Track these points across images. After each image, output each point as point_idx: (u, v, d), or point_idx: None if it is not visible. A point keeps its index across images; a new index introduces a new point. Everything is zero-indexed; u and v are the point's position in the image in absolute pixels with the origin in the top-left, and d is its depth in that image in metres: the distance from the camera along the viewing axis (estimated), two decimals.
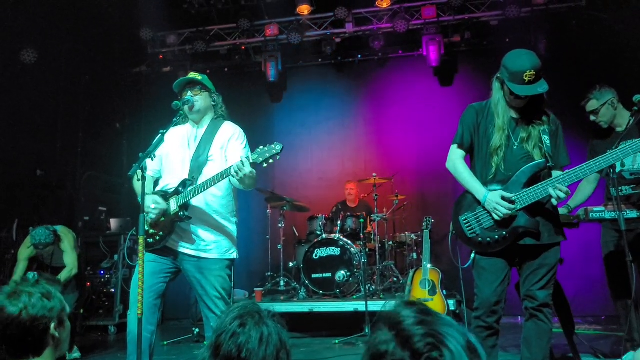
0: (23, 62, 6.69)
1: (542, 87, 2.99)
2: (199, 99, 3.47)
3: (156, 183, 3.59)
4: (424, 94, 8.47)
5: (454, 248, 4.00)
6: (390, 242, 7.18)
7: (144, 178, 2.92)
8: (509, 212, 2.98)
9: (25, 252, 5.59)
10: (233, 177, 3.10)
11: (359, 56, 8.88)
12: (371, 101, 8.77)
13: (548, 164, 3.08)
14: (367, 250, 6.60)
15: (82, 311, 6.51)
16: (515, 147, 3.12)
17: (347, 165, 8.66)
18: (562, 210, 4.22)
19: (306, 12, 8.30)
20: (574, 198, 4.38)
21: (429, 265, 5.62)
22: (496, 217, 3.03)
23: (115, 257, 7.05)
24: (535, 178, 3.03)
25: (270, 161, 3.04)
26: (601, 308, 6.64)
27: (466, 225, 3.17)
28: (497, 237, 3.06)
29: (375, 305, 5.78)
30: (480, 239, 3.11)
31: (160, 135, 3.09)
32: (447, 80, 8.46)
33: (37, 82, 7.16)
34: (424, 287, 5.52)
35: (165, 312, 7.75)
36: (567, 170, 3.02)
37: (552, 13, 7.61)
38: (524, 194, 3.00)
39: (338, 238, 6.58)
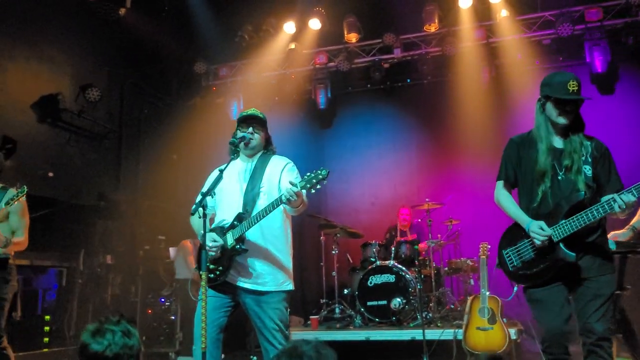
0: (87, 99, 7.05)
1: (586, 96, 2.99)
2: (257, 137, 3.57)
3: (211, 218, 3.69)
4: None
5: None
6: (446, 268, 7.07)
7: (205, 216, 3.03)
8: (545, 238, 2.91)
9: None
10: (285, 204, 3.19)
11: (408, 80, 8.89)
12: (422, 125, 8.74)
13: (586, 196, 2.96)
14: (422, 276, 6.52)
15: (144, 338, 6.71)
16: (560, 178, 3.05)
17: (399, 189, 8.62)
18: (626, 233, 4.07)
19: (354, 40, 8.42)
20: (639, 218, 4.19)
21: (487, 293, 5.49)
22: (536, 243, 2.96)
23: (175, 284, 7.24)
24: (577, 209, 2.92)
25: (318, 186, 3.09)
26: None
27: (507, 258, 3.15)
28: (535, 270, 3.01)
29: (433, 334, 5.67)
30: (520, 272, 3.08)
31: (219, 173, 3.22)
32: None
33: (99, 118, 7.55)
34: (483, 315, 5.39)
35: None
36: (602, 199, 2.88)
37: (607, 29, 7.40)
38: (564, 225, 2.92)
39: (392, 265, 6.54)
